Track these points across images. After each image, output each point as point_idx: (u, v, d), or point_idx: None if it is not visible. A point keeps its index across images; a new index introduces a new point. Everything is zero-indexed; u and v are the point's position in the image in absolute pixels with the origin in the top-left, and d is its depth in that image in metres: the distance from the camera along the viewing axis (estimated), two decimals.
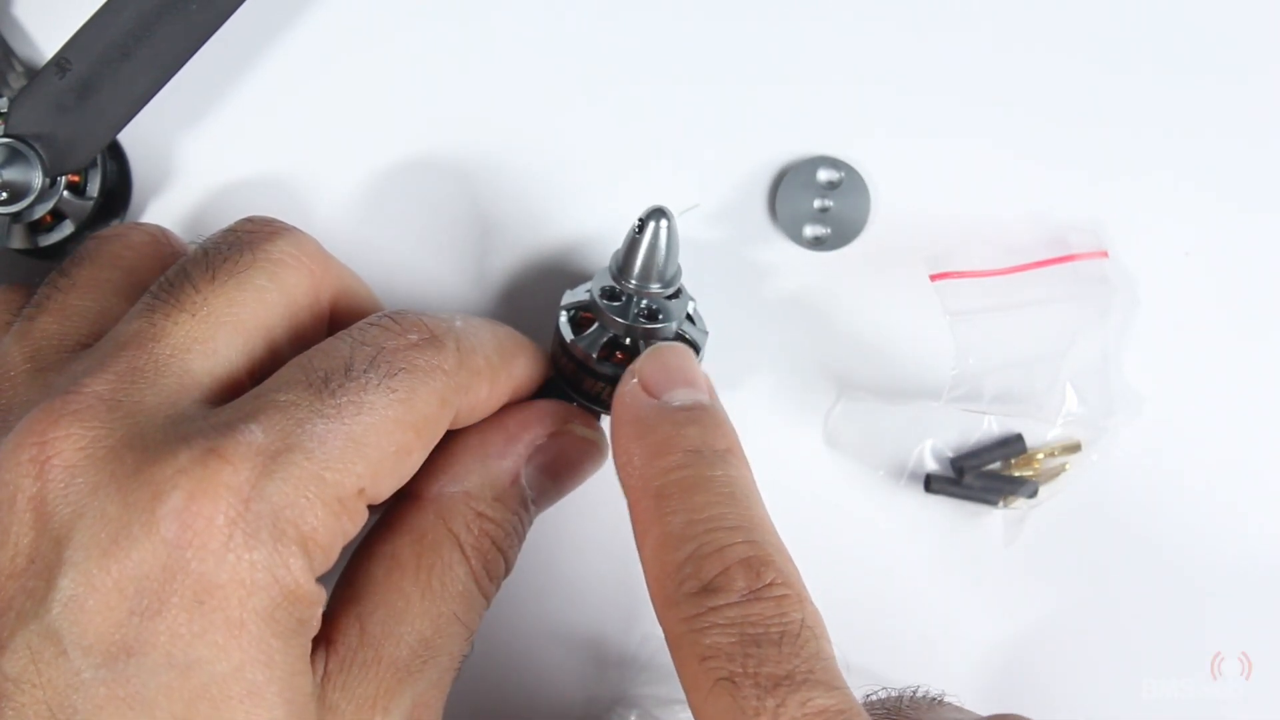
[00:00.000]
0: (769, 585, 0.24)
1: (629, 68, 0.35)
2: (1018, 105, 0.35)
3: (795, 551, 0.26)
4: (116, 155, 0.34)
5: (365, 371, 0.25)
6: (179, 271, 0.27)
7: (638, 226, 0.28)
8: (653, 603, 0.25)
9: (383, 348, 0.26)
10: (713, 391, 0.29)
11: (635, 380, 0.28)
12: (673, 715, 0.35)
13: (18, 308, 0.29)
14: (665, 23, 0.35)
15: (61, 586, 0.23)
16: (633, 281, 0.29)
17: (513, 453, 0.30)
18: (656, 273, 0.29)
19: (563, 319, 0.31)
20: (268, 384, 0.25)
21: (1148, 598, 0.36)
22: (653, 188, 0.35)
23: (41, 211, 0.33)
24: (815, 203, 0.35)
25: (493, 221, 0.35)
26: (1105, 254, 0.34)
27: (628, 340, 0.30)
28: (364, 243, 0.35)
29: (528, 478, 0.30)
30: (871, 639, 0.36)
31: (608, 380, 0.30)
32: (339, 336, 0.26)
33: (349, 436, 0.25)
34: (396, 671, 0.26)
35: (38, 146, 0.31)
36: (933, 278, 0.34)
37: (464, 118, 0.35)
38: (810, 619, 0.24)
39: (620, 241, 0.29)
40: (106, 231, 0.31)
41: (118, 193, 0.34)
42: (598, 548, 0.36)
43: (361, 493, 0.25)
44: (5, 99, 0.32)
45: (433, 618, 0.27)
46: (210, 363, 0.26)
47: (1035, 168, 0.35)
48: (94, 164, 0.33)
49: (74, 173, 0.33)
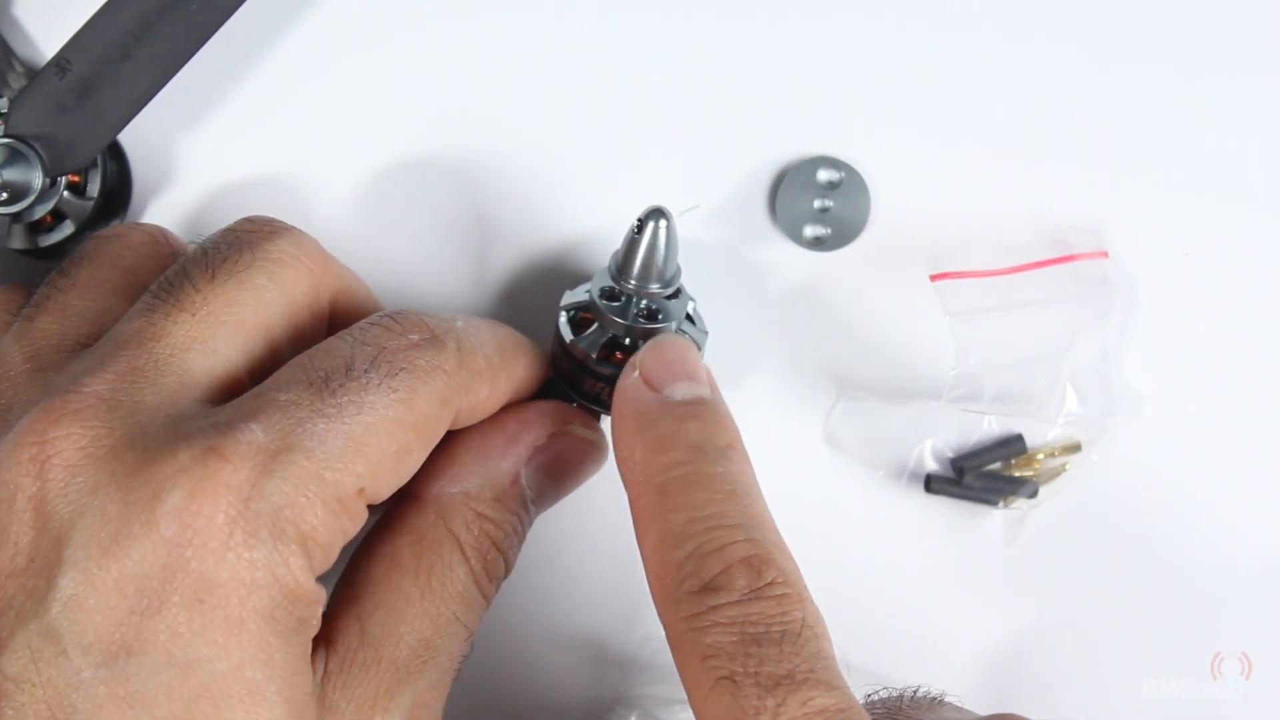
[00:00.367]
0: (770, 584, 0.24)
1: (629, 67, 0.35)
2: (1018, 105, 0.35)
3: (795, 551, 0.26)
4: (116, 155, 0.34)
5: (366, 371, 0.25)
6: (179, 271, 0.27)
7: (637, 227, 0.28)
8: (654, 600, 0.26)
9: (384, 347, 0.26)
10: (714, 385, 0.29)
11: (636, 374, 0.28)
12: (673, 715, 0.35)
13: (18, 308, 0.29)
14: (665, 22, 0.35)
15: (61, 585, 0.23)
16: (632, 282, 0.29)
17: (513, 453, 0.30)
18: (656, 273, 0.29)
19: (562, 319, 0.31)
20: (268, 383, 0.25)
21: (1148, 598, 0.36)
22: (653, 188, 0.35)
23: (42, 212, 0.33)
24: (815, 203, 0.35)
25: (493, 221, 0.35)
26: (1105, 254, 0.34)
27: (627, 340, 0.30)
28: (364, 243, 0.35)
29: (528, 478, 0.30)
30: (870, 639, 0.36)
31: (607, 380, 0.30)
32: (339, 336, 0.27)
33: (349, 436, 0.25)
34: (396, 671, 0.26)
35: (38, 146, 0.31)
36: (933, 278, 0.34)
37: (464, 118, 0.35)
38: (811, 618, 0.24)
39: (620, 242, 0.29)
40: (106, 231, 0.31)
41: (118, 193, 0.34)
42: (598, 548, 0.36)
43: (361, 492, 0.25)
44: (5, 99, 0.32)
45: (432, 618, 0.27)
46: (210, 362, 0.26)
47: (1035, 168, 0.35)
48: (94, 164, 0.33)
49: (74, 173, 0.33)
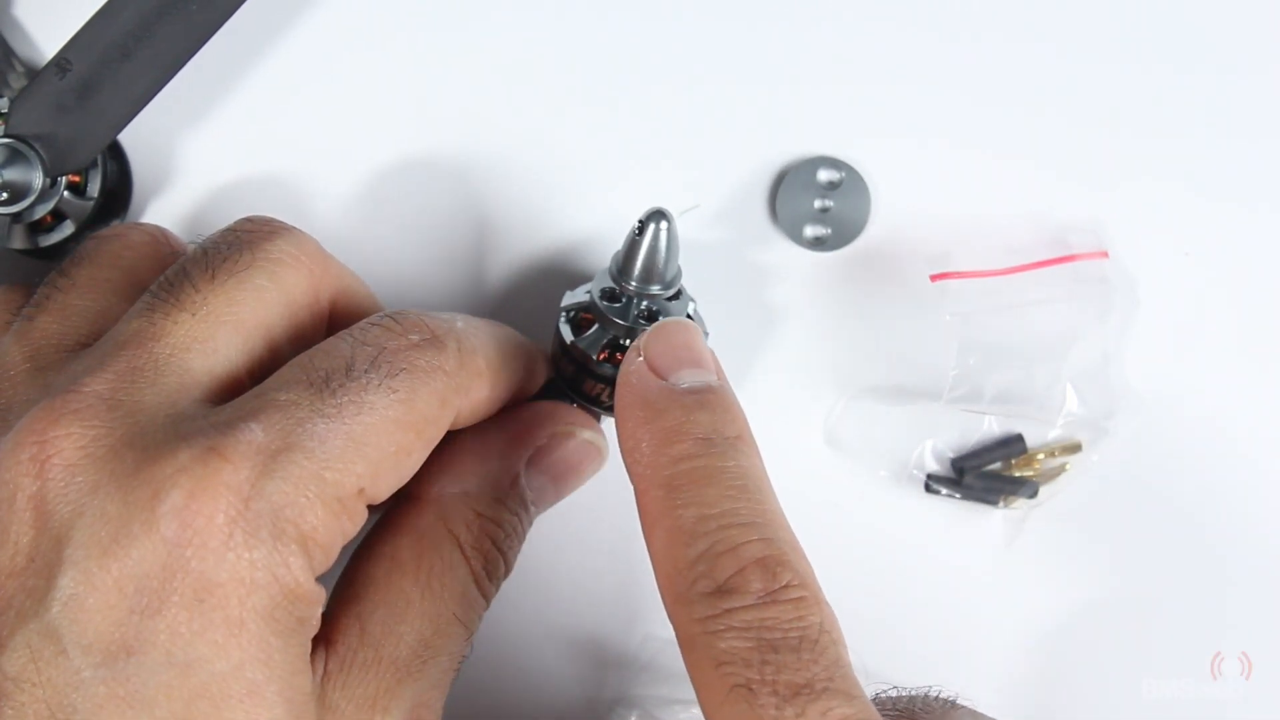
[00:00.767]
0: (785, 587, 0.23)
1: (629, 68, 0.35)
2: (1018, 105, 0.35)
3: None
4: (117, 155, 0.34)
5: (366, 371, 0.25)
6: (178, 271, 0.27)
7: (637, 228, 0.28)
8: (662, 597, 0.25)
9: (384, 348, 0.26)
10: (721, 371, 0.27)
11: (641, 359, 0.27)
12: (673, 716, 0.35)
13: (18, 308, 0.29)
14: (665, 23, 0.35)
15: (61, 585, 0.23)
16: (633, 283, 0.29)
17: (513, 454, 0.30)
18: (656, 274, 0.29)
19: (563, 320, 0.31)
20: (268, 383, 0.25)
21: (1148, 597, 0.36)
22: (653, 188, 0.35)
23: (42, 212, 0.33)
24: (815, 203, 0.35)
25: (493, 221, 0.35)
26: (1105, 254, 0.34)
27: (628, 342, 0.30)
28: (364, 243, 0.35)
29: (528, 479, 0.30)
30: (870, 639, 0.36)
31: (608, 381, 0.30)
32: (340, 336, 0.26)
33: (349, 436, 0.25)
34: (396, 671, 0.26)
35: (38, 146, 0.31)
36: (933, 278, 0.34)
37: (464, 118, 0.35)
38: (828, 623, 0.24)
39: (620, 243, 0.29)
40: (106, 231, 0.31)
41: (118, 193, 0.34)
42: (598, 548, 0.36)
43: (361, 492, 0.25)
44: (5, 99, 0.32)
45: (433, 618, 0.27)
46: (210, 362, 0.26)
47: (1035, 168, 0.35)
48: (94, 164, 0.33)
49: (74, 173, 0.33)
